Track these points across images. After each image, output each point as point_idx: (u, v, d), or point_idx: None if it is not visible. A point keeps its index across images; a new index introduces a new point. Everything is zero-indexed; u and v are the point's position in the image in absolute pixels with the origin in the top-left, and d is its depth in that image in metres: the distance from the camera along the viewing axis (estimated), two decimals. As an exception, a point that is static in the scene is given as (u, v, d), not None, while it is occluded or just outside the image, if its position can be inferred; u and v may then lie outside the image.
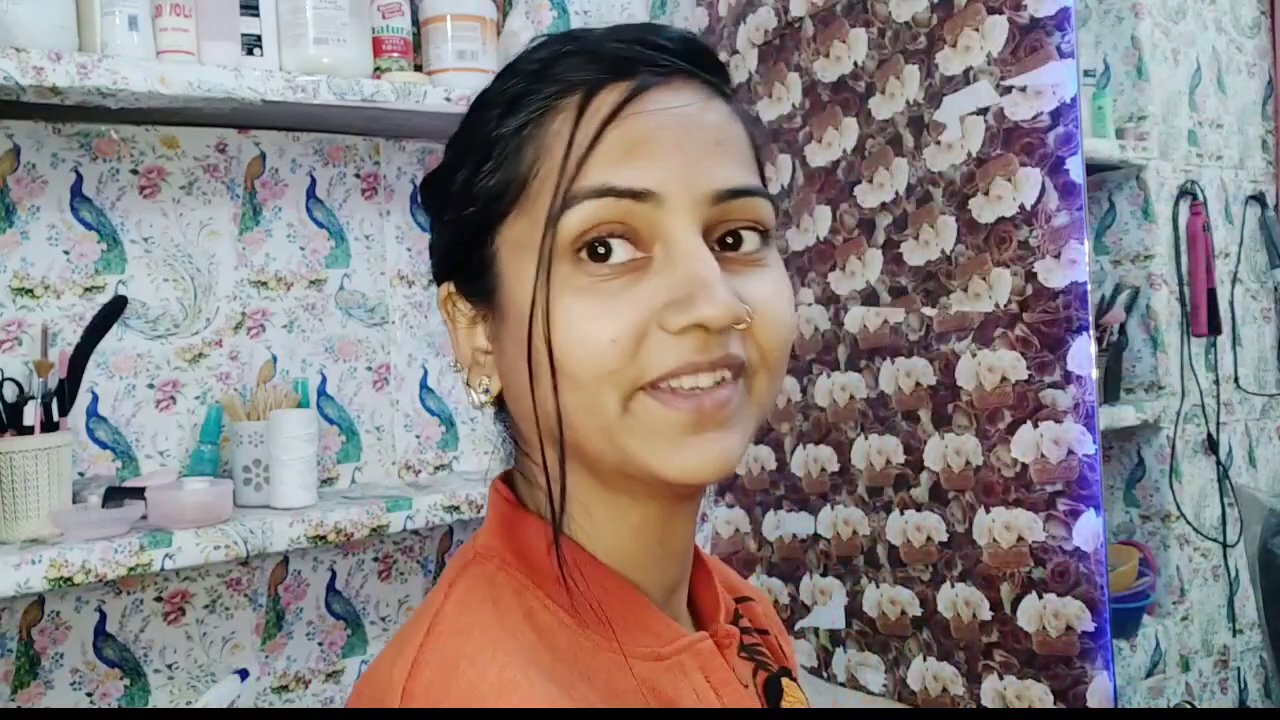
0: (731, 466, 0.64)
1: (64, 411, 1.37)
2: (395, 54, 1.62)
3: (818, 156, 1.69)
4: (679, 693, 0.67)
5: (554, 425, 0.65)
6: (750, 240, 0.66)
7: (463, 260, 0.70)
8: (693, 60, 0.67)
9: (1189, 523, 2.16)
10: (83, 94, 1.33)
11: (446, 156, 0.73)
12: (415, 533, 1.75)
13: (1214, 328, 2.24)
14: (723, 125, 0.66)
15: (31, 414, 1.34)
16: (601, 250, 0.62)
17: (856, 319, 1.63)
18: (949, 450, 1.49)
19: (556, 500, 0.67)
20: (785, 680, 0.78)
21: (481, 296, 0.69)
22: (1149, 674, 2.08)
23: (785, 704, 0.76)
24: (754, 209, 0.66)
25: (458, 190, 0.69)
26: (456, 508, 1.54)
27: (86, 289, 1.50)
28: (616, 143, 0.63)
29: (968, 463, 1.46)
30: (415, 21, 1.70)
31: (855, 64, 1.62)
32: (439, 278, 0.73)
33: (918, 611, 1.55)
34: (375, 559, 1.71)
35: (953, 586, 1.49)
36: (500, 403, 0.73)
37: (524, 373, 0.65)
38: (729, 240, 0.65)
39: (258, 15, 1.52)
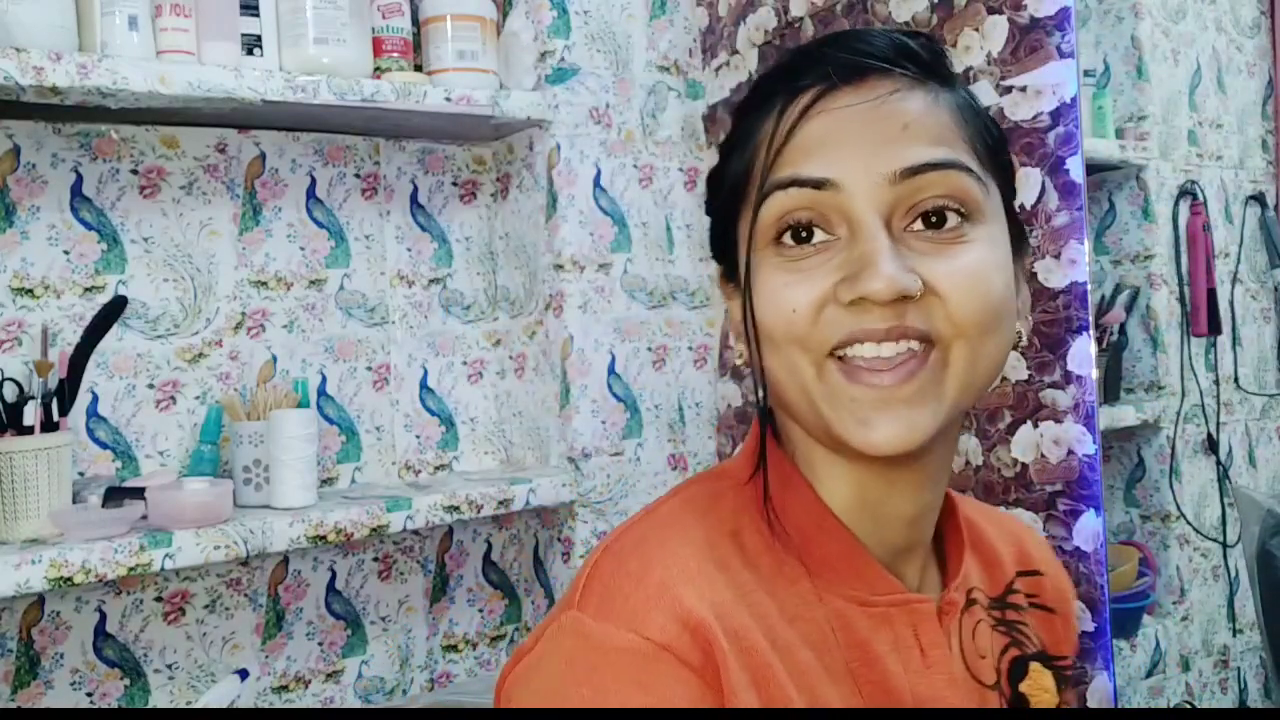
0: (918, 441, 0.68)
1: (64, 411, 1.38)
2: (395, 54, 1.62)
3: None
4: (875, 637, 0.72)
5: (774, 395, 0.73)
6: (951, 219, 0.69)
7: (719, 245, 0.79)
8: (889, 56, 0.72)
9: (1189, 523, 2.15)
10: (83, 94, 1.33)
11: (719, 155, 0.81)
12: (415, 533, 1.75)
13: (1214, 328, 2.24)
14: (917, 111, 0.70)
15: (31, 414, 1.34)
16: (804, 235, 0.70)
17: None
18: None
19: (774, 460, 0.76)
20: (1035, 665, 0.80)
21: (731, 277, 0.77)
22: (1149, 674, 2.07)
23: (1024, 687, 0.78)
24: (945, 182, 0.69)
25: (717, 184, 0.79)
26: (456, 508, 1.54)
27: (86, 289, 1.50)
28: (805, 139, 0.70)
29: (968, 463, 1.46)
30: (415, 21, 1.70)
31: None
32: (716, 260, 0.82)
33: None
34: (375, 559, 1.71)
35: None
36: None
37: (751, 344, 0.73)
38: (934, 220, 0.69)
39: (258, 15, 1.52)
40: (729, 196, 0.76)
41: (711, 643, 0.64)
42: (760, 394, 0.74)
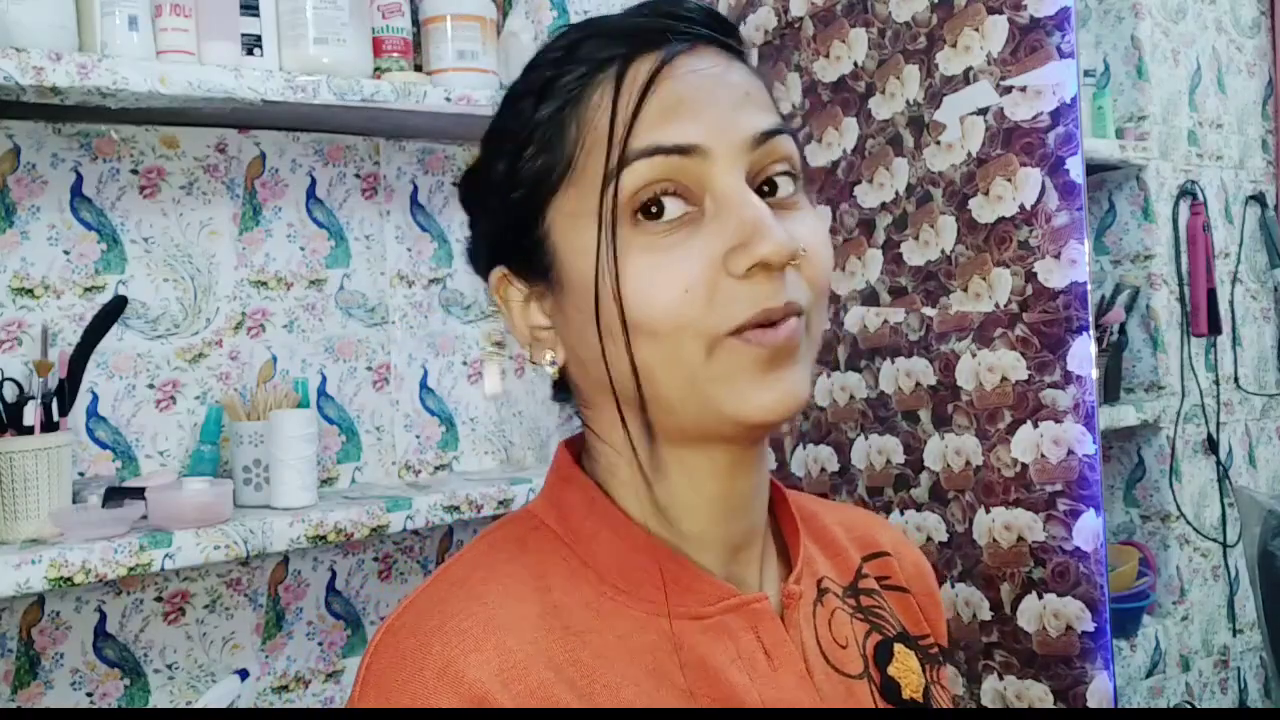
0: (803, 402, 0.67)
1: (64, 411, 1.38)
2: (395, 54, 1.62)
3: (818, 156, 1.68)
4: (713, 651, 0.69)
5: (628, 384, 0.67)
6: (785, 185, 0.69)
7: (514, 243, 0.73)
8: (713, 27, 0.72)
9: (1189, 523, 2.16)
10: (83, 94, 1.33)
11: (482, 152, 0.77)
12: (415, 533, 1.75)
13: (1214, 328, 2.25)
14: (747, 81, 0.71)
15: (31, 414, 1.34)
16: (655, 210, 0.66)
17: (857, 319, 1.63)
18: (949, 450, 1.49)
19: (644, 459, 0.71)
20: (899, 646, 0.78)
21: (538, 274, 0.72)
22: (1149, 674, 2.08)
23: (892, 670, 0.77)
24: (784, 146, 0.69)
25: (500, 179, 0.73)
26: (456, 508, 1.54)
27: (86, 289, 1.50)
28: (657, 106, 0.66)
29: (968, 463, 1.46)
30: (415, 21, 1.70)
31: (855, 64, 1.62)
32: (489, 265, 0.76)
33: None
34: (375, 559, 1.72)
35: (953, 586, 1.49)
36: (562, 377, 0.76)
37: (593, 338, 0.67)
38: (765, 189, 0.68)
39: (258, 15, 1.52)
40: (533, 185, 0.70)
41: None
42: (639, 394, 0.68)
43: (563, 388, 0.77)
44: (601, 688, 0.65)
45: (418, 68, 1.69)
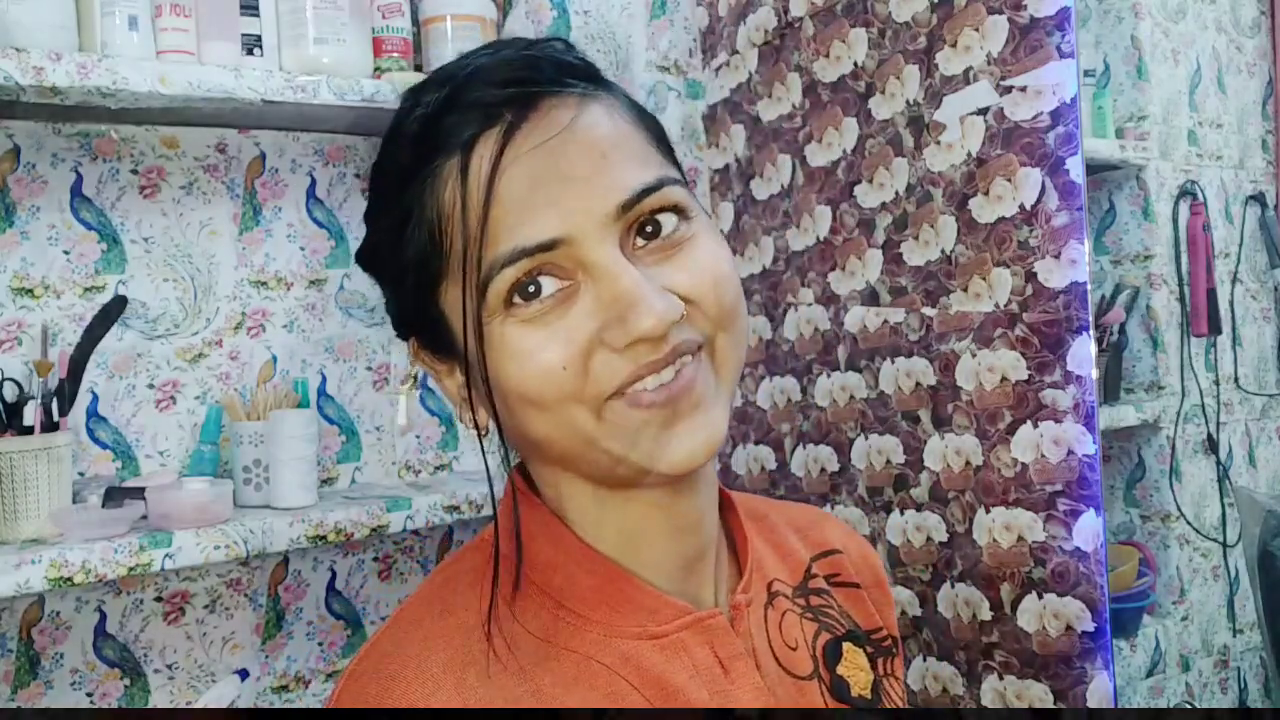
0: (717, 444, 0.67)
1: (64, 411, 1.38)
2: (395, 54, 1.62)
3: (818, 156, 1.69)
4: (671, 668, 0.69)
5: (537, 451, 0.71)
6: (668, 222, 0.67)
7: (417, 321, 0.73)
8: (555, 77, 0.68)
9: (1189, 523, 2.16)
10: (83, 94, 1.33)
11: (368, 228, 0.75)
12: (415, 533, 1.75)
13: (1214, 328, 2.25)
14: (605, 132, 0.67)
15: (31, 414, 1.34)
16: (532, 289, 0.65)
17: (857, 319, 1.63)
18: (949, 450, 1.49)
19: (588, 500, 0.72)
20: (847, 645, 0.79)
21: (445, 349, 0.72)
22: (1149, 674, 2.08)
23: (841, 670, 0.77)
24: (662, 199, 0.67)
25: (386, 262, 0.73)
26: (456, 508, 1.54)
27: (86, 289, 1.51)
28: (509, 199, 0.64)
29: (968, 463, 1.46)
30: (415, 21, 1.70)
31: (855, 64, 1.62)
32: (402, 335, 0.76)
33: (918, 611, 1.55)
34: (375, 559, 1.72)
35: (953, 586, 1.49)
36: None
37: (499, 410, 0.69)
38: (649, 229, 0.67)
39: (258, 15, 1.52)
40: (417, 272, 0.69)
41: None
42: (506, 461, 0.71)
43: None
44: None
45: (418, 68, 1.69)
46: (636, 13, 1.84)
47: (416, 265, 0.69)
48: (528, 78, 0.67)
